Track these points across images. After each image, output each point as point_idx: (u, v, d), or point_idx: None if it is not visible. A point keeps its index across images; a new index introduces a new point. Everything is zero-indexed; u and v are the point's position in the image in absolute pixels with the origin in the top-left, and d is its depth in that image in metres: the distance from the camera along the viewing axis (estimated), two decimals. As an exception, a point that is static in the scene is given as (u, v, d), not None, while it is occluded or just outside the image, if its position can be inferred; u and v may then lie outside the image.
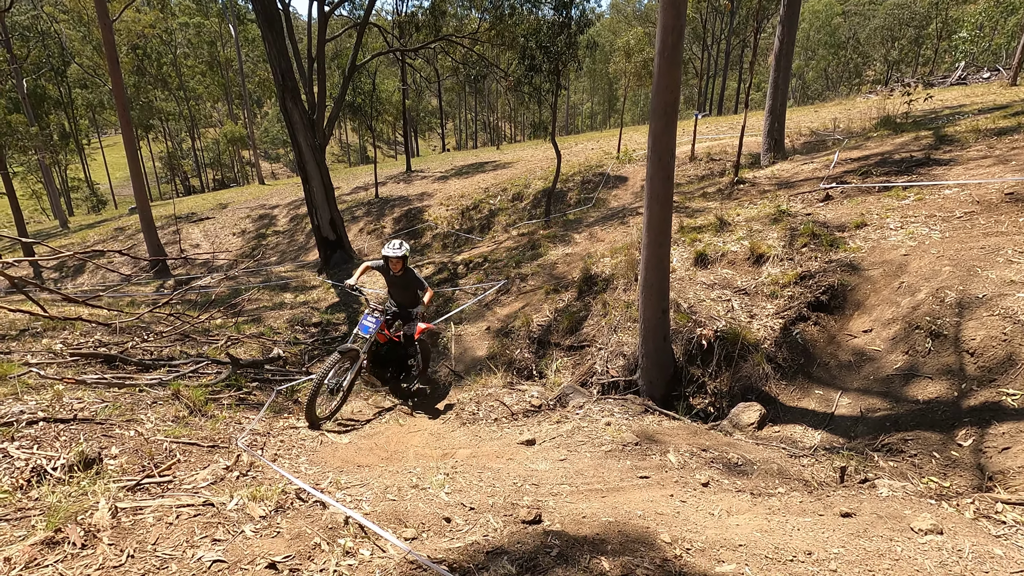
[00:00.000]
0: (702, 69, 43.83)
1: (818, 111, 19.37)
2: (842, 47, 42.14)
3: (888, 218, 6.16)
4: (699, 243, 7.04)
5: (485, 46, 16.21)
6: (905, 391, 4.19)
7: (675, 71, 4.47)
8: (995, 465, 3.32)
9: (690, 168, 14.37)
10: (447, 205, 17.29)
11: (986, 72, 22.18)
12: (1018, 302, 4.12)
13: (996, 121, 9.16)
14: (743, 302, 5.83)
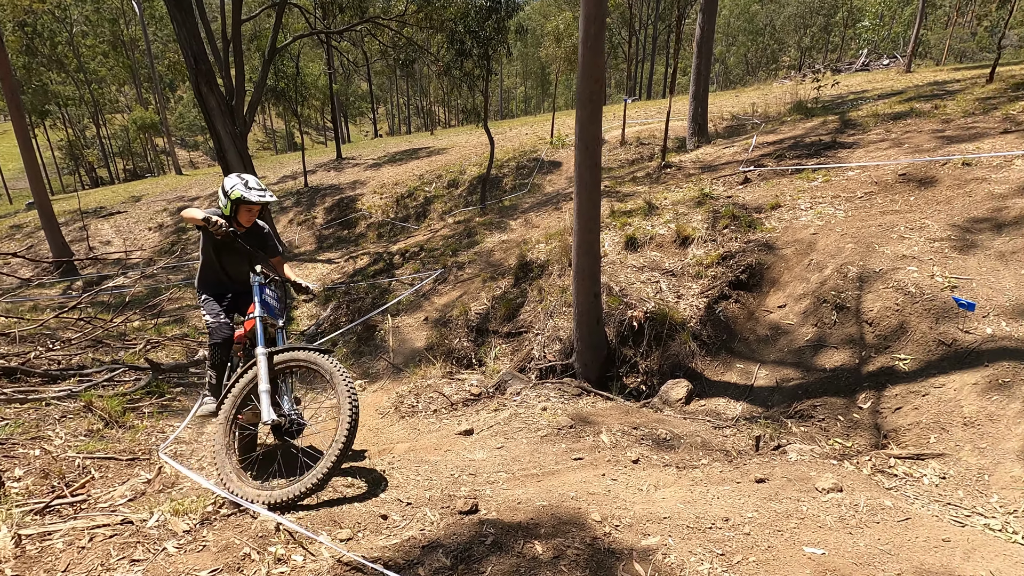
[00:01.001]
0: (631, 54, 44.76)
1: (739, 96, 20.27)
2: (760, 34, 44.18)
3: (799, 199, 6.57)
4: (629, 227, 7.25)
5: (413, 29, 15.83)
6: (814, 361, 4.54)
7: (598, 60, 4.55)
8: (889, 424, 3.67)
9: (621, 152, 14.71)
10: (381, 193, 16.89)
11: (885, 59, 23.94)
12: (908, 275, 4.53)
13: (892, 106, 9.93)
14: (671, 283, 6.08)
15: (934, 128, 7.71)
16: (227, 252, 3.50)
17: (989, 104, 8.25)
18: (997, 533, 2.53)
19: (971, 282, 4.27)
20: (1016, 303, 3.94)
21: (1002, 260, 4.39)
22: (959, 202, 5.39)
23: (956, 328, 3.93)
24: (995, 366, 3.52)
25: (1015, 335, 3.69)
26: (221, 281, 3.59)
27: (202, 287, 3.59)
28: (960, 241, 4.79)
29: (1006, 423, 3.20)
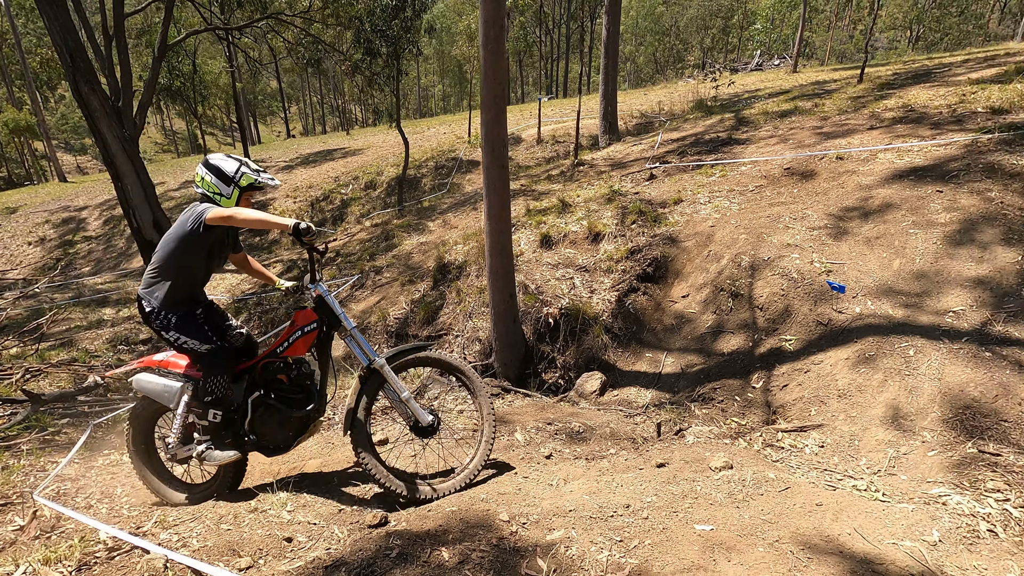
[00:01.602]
0: (546, 52, 45.56)
1: (647, 94, 21.18)
2: (666, 34, 46.37)
3: (699, 194, 6.98)
4: (544, 225, 7.40)
5: (321, 26, 15.27)
6: (714, 346, 4.85)
7: (500, 62, 4.60)
8: (778, 401, 3.99)
9: (537, 150, 14.97)
10: (294, 197, 16.20)
11: (776, 60, 25.87)
12: (792, 262, 4.94)
13: (780, 105, 10.76)
14: (584, 279, 6.28)
15: (814, 125, 8.43)
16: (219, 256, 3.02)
17: (859, 102, 9.13)
18: (863, 493, 2.82)
19: (843, 266, 4.72)
20: (879, 283, 4.40)
21: (868, 245, 4.89)
22: (834, 193, 5.93)
23: (831, 309, 4.33)
24: (862, 341, 3.92)
25: (878, 312, 4.12)
26: (196, 295, 3.03)
27: (172, 305, 2.87)
28: (835, 229, 5.27)
29: (872, 392, 3.57)
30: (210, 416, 2.91)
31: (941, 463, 2.93)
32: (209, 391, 2.88)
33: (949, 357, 3.54)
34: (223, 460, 2.91)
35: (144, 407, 3.18)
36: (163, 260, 2.87)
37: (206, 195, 2.96)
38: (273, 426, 2.97)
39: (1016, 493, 2.63)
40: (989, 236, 4.41)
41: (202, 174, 2.96)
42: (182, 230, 2.85)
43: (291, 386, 3.02)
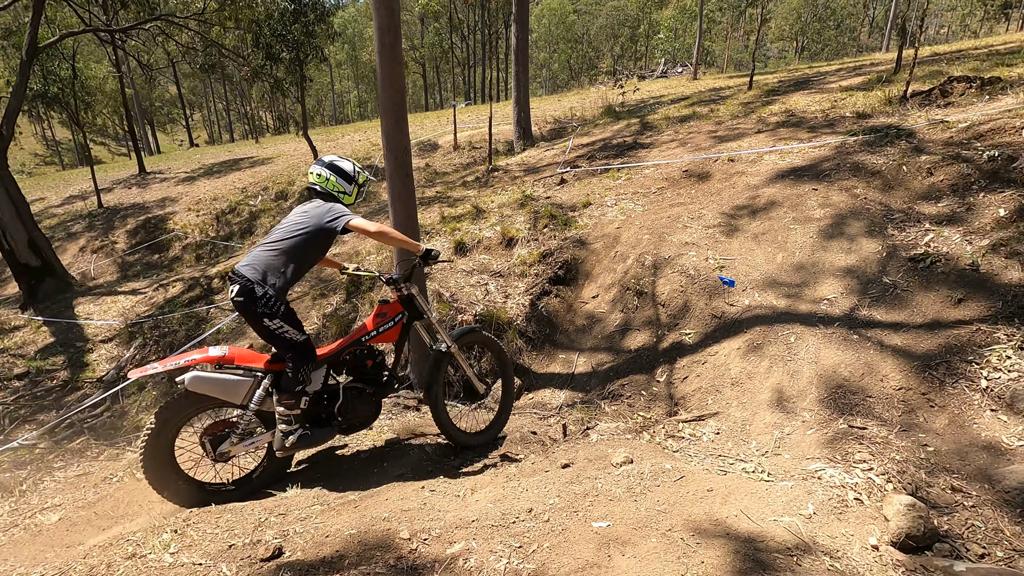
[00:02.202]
0: (463, 58, 45.68)
1: (561, 100, 21.71)
2: (579, 42, 47.84)
3: (606, 197, 7.22)
4: (459, 232, 7.38)
5: (219, 30, 14.44)
6: (622, 343, 5.02)
7: (397, 69, 4.54)
8: (679, 392, 4.19)
9: (455, 157, 14.93)
10: (197, 210, 15.19)
11: (679, 67, 27.38)
12: (690, 260, 5.21)
13: (680, 110, 11.37)
14: (499, 284, 6.31)
15: (710, 129, 8.97)
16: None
17: (748, 108, 9.83)
18: (751, 475, 3.01)
19: (735, 261, 5.04)
20: (765, 276, 4.73)
21: (756, 240, 5.25)
22: (726, 193, 6.33)
23: (724, 302, 4.61)
24: (751, 332, 4.20)
25: (764, 303, 4.43)
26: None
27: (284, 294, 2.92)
28: (727, 226, 5.62)
29: (760, 379, 3.83)
30: (301, 403, 3.03)
31: (818, 440, 3.18)
32: (302, 379, 2.99)
33: (824, 341, 3.86)
34: (322, 442, 3.17)
35: (184, 406, 3.03)
36: (292, 247, 2.90)
37: (328, 193, 3.16)
38: (363, 408, 3.31)
39: (878, 462, 2.90)
40: (856, 229, 4.86)
41: (324, 174, 3.18)
42: (318, 223, 2.93)
43: (374, 370, 3.39)
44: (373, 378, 3.37)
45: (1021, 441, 2.91)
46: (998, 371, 3.28)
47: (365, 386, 3.32)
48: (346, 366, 3.30)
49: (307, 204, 3.09)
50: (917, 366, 3.48)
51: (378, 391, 3.35)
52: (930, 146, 5.55)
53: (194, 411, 3.07)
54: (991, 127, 5.45)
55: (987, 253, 4.07)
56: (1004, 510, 2.57)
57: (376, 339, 3.31)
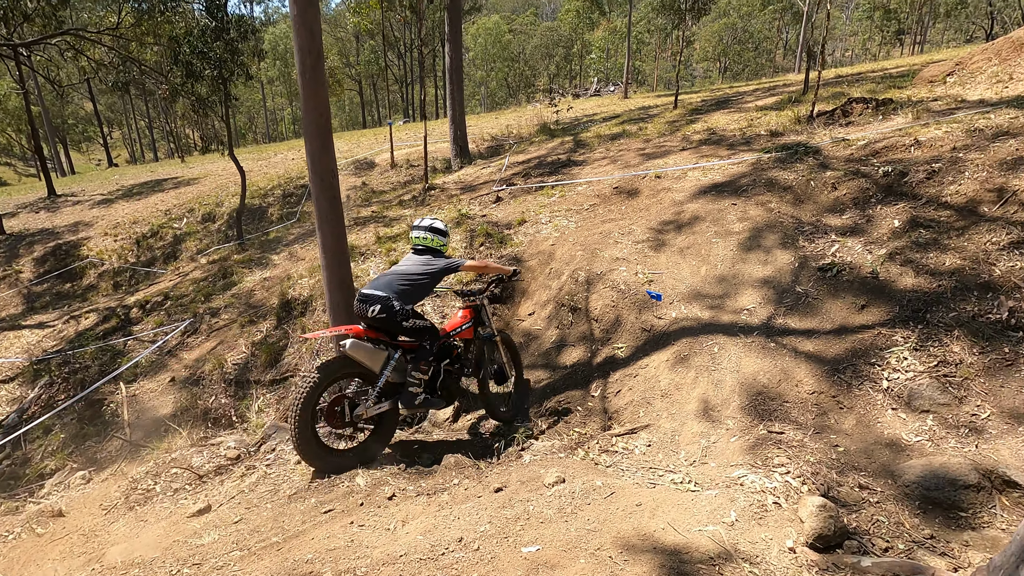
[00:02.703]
0: (401, 76, 45.50)
1: (498, 118, 21.99)
2: (515, 60, 48.74)
3: (541, 214, 7.33)
4: (394, 252, 7.27)
5: (136, 45, 13.74)
6: (559, 360, 5.07)
7: (321, 91, 4.45)
8: (613, 406, 4.26)
9: (392, 175, 14.77)
10: (115, 235, 14.26)
11: (612, 86, 28.37)
12: (620, 275, 5.35)
13: (611, 128, 11.76)
14: (435, 305, 6.25)
15: (639, 147, 9.31)
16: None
17: (674, 126, 10.28)
18: (679, 486, 3.09)
19: (662, 275, 5.21)
20: (690, 289, 4.92)
21: (681, 254, 5.46)
22: (654, 208, 6.56)
23: (653, 316, 4.75)
24: (678, 343, 4.34)
25: (690, 315, 4.60)
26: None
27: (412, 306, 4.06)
28: (655, 241, 5.82)
29: (687, 390, 3.96)
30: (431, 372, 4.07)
31: (740, 447, 3.31)
32: (432, 351, 4.00)
33: (744, 350, 4.04)
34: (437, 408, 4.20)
35: (339, 366, 3.81)
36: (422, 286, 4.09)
37: (434, 249, 4.31)
38: (455, 386, 4.39)
39: (795, 465, 3.05)
40: (771, 241, 5.15)
41: (429, 236, 4.30)
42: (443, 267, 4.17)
43: (456, 359, 4.41)
44: (460, 364, 4.43)
45: (918, 437, 3.13)
46: (897, 372, 3.53)
47: (453, 370, 4.35)
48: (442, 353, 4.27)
49: (421, 257, 4.24)
50: (827, 370, 3.70)
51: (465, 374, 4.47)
52: (834, 162, 5.98)
53: (343, 374, 3.84)
54: (885, 144, 5.93)
55: (885, 261, 4.40)
56: (904, 503, 2.75)
57: (462, 335, 4.46)
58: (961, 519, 2.63)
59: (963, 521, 2.61)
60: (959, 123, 5.84)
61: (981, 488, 2.66)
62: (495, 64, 44.48)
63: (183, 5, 10.02)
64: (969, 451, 2.92)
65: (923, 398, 3.29)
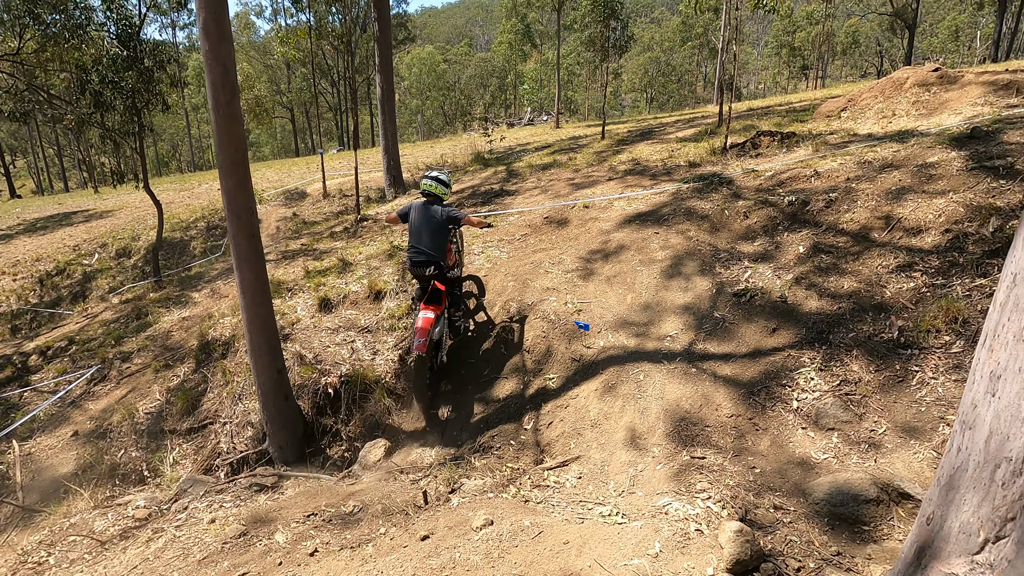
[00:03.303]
0: (335, 104, 44.97)
1: (434, 147, 22.10)
2: (451, 89, 49.36)
3: (474, 244, 7.35)
4: (324, 287, 7.07)
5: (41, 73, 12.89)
6: (493, 393, 5.04)
7: (236, 127, 4.31)
8: (545, 439, 4.27)
9: (324, 205, 14.45)
10: (14, 274, 13.10)
11: (545, 116, 29.22)
12: (551, 305, 5.42)
13: (543, 158, 12.06)
14: (367, 340, 6.09)
15: (568, 176, 9.57)
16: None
17: (601, 156, 10.67)
18: (607, 519, 3.11)
19: (591, 304, 5.33)
20: (617, 317, 5.06)
21: (609, 283, 5.61)
22: (583, 238, 6.74)
23: (582, 345, 4.83)
24: (606, 372, 4.43)
25: (617, 344, 4.71)
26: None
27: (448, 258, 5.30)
28: (584, 270, 5.96)
29: (615, 419, 4.03)
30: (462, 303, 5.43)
31: (666, 474, 3.39)
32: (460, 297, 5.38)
33: (668, 377, 4.17)
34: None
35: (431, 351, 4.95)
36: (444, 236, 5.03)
37: (437, 196, 5.17)
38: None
39: (715, 489, 3.15)
40: (691, 268, 5.39)
41: (436, 185, 5.14)
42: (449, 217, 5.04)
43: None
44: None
45: (825, 454, 3.32)
46: (805, 392, 3.75)
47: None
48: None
49: (429, 208, 5.09)
50: (744, 393, 3.87)
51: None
52: (745, 192, 6.37)
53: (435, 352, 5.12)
54: (789, 175, 6.40)
55: (792, 286, 4.70)
56: (815, 521, 2.89)
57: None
58: (864, 533, 2.78)
59: (866, 535, 2.77)
60: (851, 155, 6.39)
61: (880, 501, 2.84)
62: (430, 93, 44.86)
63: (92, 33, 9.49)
64: (869, 466, 3.12)
65: (828, 416, 3.50)
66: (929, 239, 4.60)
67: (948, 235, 4.54)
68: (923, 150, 5.90)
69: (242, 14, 45.63)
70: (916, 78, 8.53)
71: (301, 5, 17.72)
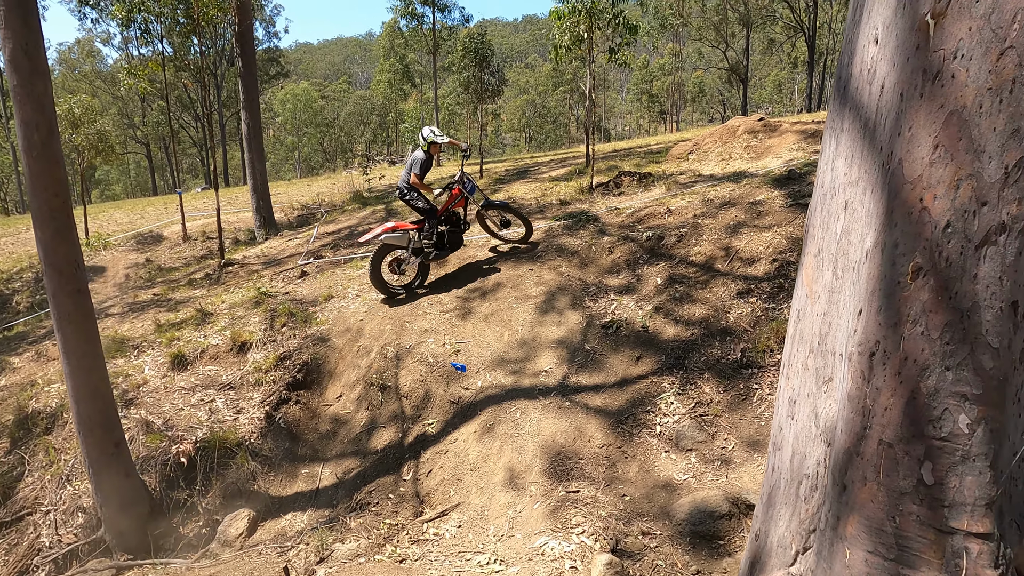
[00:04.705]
0: (201, 140, 41.84)
1: (311, 185, 21.26)
2: (330, 126, 48.14)
3: (350, 287, 7.09)
4: (178, 342, 6.38)
5: None
6: (370, 444, 4.80)
7: (55, 170, 3.81)
8: (425, 489, 4.12)
9: (185, 249, 13.20)
10: None
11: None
12: (428, 347, 5.34)
13: (423, 197, 12.05)
14: (229, 398, 5.56)
15: (447, 215, 9.64)
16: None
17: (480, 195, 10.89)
18: (484, 568, 3.04)
19: (468, 344, 5.33)
20: (495, 356, 5.09)
21: (486, 321, 5.66)
22: (462, 276, 6.75)
23: (460, 387, 4.79)
24: (485, 413, 4.41)
25: (495, 383, 4.73)
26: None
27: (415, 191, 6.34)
28: (462, 309, 5.96)
29: (494, 460, 4.00)
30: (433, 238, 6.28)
31: (543, 512, 3.41)
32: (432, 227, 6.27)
33: (544, 413, 4.25)
34: (442, 256, 6.53)
35: (384, 250, 6.31)
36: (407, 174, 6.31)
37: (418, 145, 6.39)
38: (456, 239, 6.56)
39: (589, 522, 3.21)
40: (563, 303, 5.61)
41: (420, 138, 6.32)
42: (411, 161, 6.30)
43: (456, 222, 6.56)
44: (457, 226, 6.57)
45: (686, 475, 3.54)
46: (667, 416, 4.00)
47: (455, 229, 6.54)
48: (446, 220, 6.49)
49: (413, 153, 6.41)
50: (613, 422, 4.04)
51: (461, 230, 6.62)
52: (610, 228, 6.82)
53: (387, 251, 6.32)
54: (647, 212, 6.97)
55: (652, 315, 5.06)
56: (678, 543, 3.05)
57: (455, 207, 6.54)
58: (720, 548, 2.98)
59: (722, 549, 2.97)
60: (697, 194, 7.13)
61: (732, 515, 3.07)
62: (307, 130, 43.40)
63: None
64: (722, 482, 3.38)
65: (686, 438, 3.76)
66: (761, 268, 5.21)
67: (775, 263, 5.18)
68: (753, 189, 6.73)
69: (85, 41, 41.27)
70: (746, 126, 9.80)
71: (150, 37, 16.44)
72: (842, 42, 1.65)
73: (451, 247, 6.59)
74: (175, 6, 11.75)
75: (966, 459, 1.19)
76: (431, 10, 23.67)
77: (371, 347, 5.73)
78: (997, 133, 1.10)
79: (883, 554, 1.29)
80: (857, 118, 1.41)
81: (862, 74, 1.40)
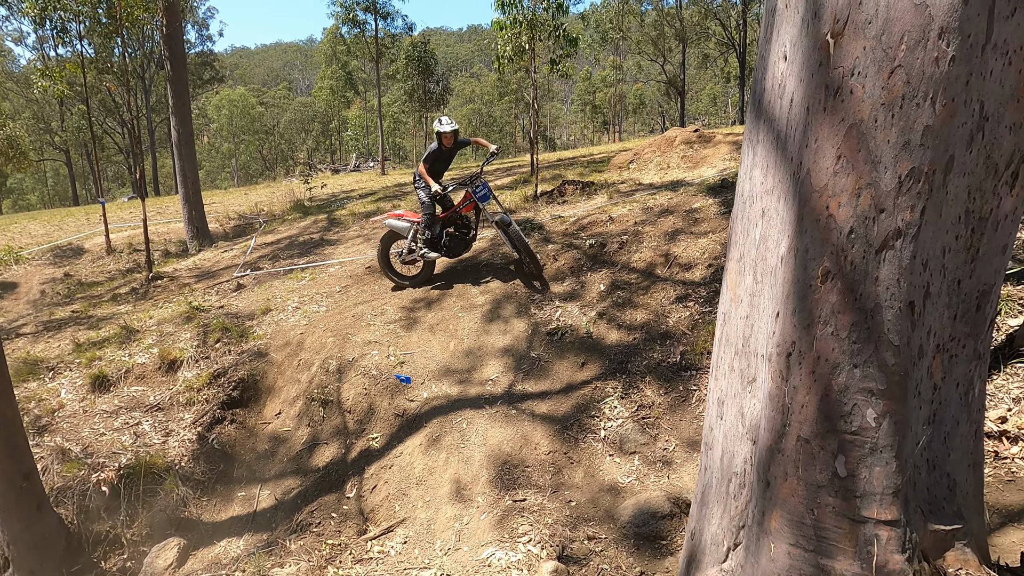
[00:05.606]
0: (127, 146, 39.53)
1: (248, 194, 20.45)
2: (270, 133, 46.60)
3: (289, 300, 6.84)
4: (100, 362, 5.96)
5: None
6: (311, 462, 4.63)
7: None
8: (369, 505, 4.01)
9: (109, 263, 12.39)
10: None
11: (371, 162, 28.99)
12: (372, 359, 5.22)
13: (366, 206, 11.85)
14: (157, 420, 5.23)
15: (392, 224, 9.48)
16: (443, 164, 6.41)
17: (425, 204, 10.79)
18: (430, 584, 2.97)
19: (414, 355, 5.24)
20: (441, 366, 5.04)
21: (432, 331, 5.59)
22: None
23: (405, 399, 4.70)
24: (430, 425, 4.35)
25: (440, 394, 4.67)
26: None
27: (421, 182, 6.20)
28: (407, 320, 5.87)
29: (440, 472, 3.94)
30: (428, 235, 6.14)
31: (490, 523, 3.38)
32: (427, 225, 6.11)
33: (490, 421, 4.23)
34: (432, 258, 6.25)
35: (391, 237, 6.42)
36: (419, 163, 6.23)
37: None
38: (460, 245, 6.20)
39: (536, 531, 3.21)
40: (509, 311, 5.62)
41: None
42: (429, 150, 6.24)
43: (463, 226, 6.22)
44: (463, 230, 6.20)
45: (629, 477, 3.60)
46: (610, 420, 4.07)
47: (460, 234, 6.18)
48: (452, 223, 6.24)
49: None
50: (559, 429, 4.07)
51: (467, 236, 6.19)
52: (554, 236, 6.90)
53: (395, 237, 6.44)
54: (590, 220, 7.10)
55: (596, 321, 5.14)
56: (623, 545, 3.09)
57: (464, 209, 6.13)
58: (663, 547, 3.04)
59: (664, 549, 3.03)
60: (637, 202, 7.33)
61: (673, 515, 3.15)
62: (244, 137, 41.79)
63: None
64: (664, 483, 3.46)
65: (630, 441, 3.83)
66: (698, 273, 5.40)
67: (711, 268, 5.38)
68: (689, 197, 6.99)
69: (-6, 39, 38.18)
70: (682, 137, 10.19)
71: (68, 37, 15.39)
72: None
73: (448, 251, 6.11)
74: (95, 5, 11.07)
75: (874, 451, 1.27)
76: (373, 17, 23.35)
77: (312, 361, 5.54)
78: (891, 145, 1.19)
79: (804, 546, 1.34)
80: (771, 130, 1.49)
81: (774, 88, 1.48)
